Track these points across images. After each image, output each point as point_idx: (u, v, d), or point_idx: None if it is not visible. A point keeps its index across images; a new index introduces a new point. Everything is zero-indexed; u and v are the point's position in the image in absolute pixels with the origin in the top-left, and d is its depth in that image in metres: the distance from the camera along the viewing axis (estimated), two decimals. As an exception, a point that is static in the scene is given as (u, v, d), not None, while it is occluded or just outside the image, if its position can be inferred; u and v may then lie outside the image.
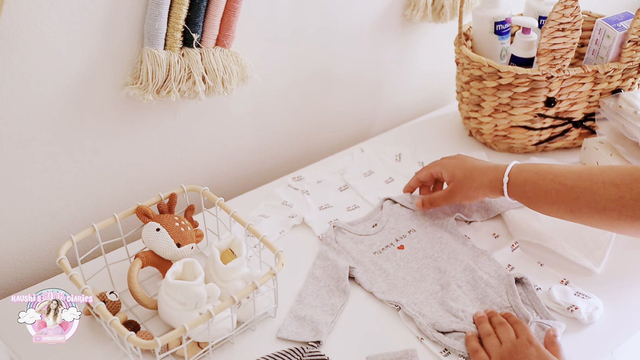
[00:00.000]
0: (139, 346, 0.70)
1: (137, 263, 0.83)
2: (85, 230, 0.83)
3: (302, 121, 1.20)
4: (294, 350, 0.78)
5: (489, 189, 0.91)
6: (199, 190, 0.90)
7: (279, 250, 0.80)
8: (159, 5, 0.85)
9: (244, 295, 0.75)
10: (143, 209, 0.87)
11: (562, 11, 0.98)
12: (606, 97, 1.09)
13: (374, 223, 1.00)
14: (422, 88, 1.39)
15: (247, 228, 0.84)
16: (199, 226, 0.93)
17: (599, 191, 0.80)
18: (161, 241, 0.85)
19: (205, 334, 0.75)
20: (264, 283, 0.76)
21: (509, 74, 1.05)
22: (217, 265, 0.81)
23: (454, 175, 0.96)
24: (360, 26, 1.17)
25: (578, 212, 0.83)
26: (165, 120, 1.00)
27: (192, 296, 0.75)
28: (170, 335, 0.70)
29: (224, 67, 0.93)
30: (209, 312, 0.72)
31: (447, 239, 0.95)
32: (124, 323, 0.80)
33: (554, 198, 0.84)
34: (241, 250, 0.83)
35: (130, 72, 0.90)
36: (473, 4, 1.20)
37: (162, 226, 0.86)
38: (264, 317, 0.84)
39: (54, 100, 0.87)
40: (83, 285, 0.74)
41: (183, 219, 0.90)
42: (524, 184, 0.87)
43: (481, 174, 0.93)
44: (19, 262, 0.95)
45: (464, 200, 0.96)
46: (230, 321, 0.78)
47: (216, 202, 0.89)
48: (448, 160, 1.00)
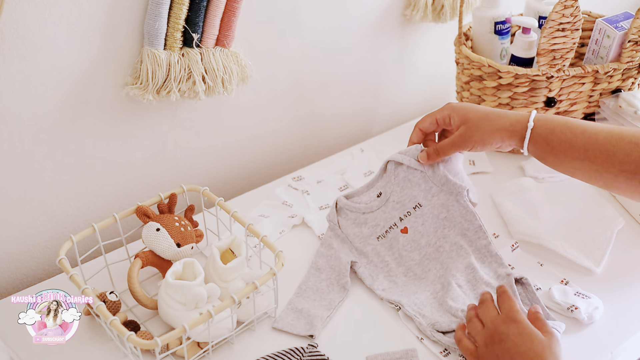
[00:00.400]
0: (139, 346, 0.70)
1: (137, 263, 0.83)
2: (85, 230, 0.82)
3: (302, 121, 1.20)
4: (294, 350, 0.78)
5: (508, 133, 0.82)
6: (199, 190, 0.90)
7: (278, 250, 0.80)
8: (159, 5, 0.85)
9: (244, 295, 0.75)
10: (143, 209, 0.87)
11: (562, 11, 0.98)
12: (606, 97, 1.09)
13: (378, 192, 0.94)
14: (422, 88, 1.39)
15: (247, 228, 0.84)
16: (199, 226, 0.93)
17: (633, 152, 0.75)
18: (161, 241, 0.85)
19: (205, 334, 0.75)
20: (264, 283, 0.76)
21: (509, 74, 1.05)
22: (217, 265, 0.81)
23: (467, 118, 0.84)
24: (360, 26, 1.17)
25: (605, 172, 0.77)
26: (165, 120, 1.00)
27: (192, 296, 0.75)
28: (170, 335, 0.70)
29: (224, 67, 0.93)
30: (208, 312, 0.72)
31: (454, 215, 0.89)
32: (124, 323, 0.80)
33: (581, 153, 0.77)
34: (241, 250, 0.83)
35: (130, 72, 0.90)
36: (473, 4, 1.20)
37: (162, 226, 0.86)
38: (264, 317, 0.84)
39: (53, 100, 0.87)
40: (83, 285, 0.74)
41: (183, 219, 0.90)
42: (550, 133, 0.79)
43: (499, 116, 0.83)
44: (19, 262, 0.95)
45: (477, 146, 0.84)
46: (230, 321, 0.78)
47: (216, 202, 0.89)
48: (457, 104, 0.88)
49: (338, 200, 0.96)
